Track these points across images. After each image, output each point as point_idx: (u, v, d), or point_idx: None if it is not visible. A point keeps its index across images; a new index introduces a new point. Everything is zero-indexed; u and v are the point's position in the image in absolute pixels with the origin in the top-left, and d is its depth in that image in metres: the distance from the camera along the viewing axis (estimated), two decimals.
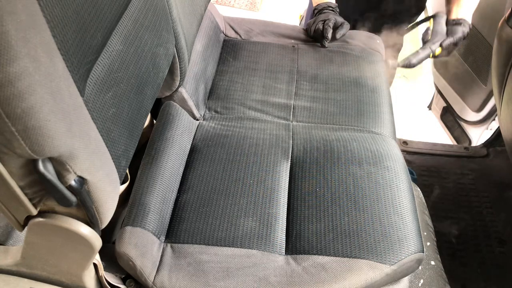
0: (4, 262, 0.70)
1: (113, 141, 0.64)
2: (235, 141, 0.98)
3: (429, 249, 1.09)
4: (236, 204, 0.86)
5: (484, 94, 1.52)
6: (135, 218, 0.81)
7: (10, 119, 0.41)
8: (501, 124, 1.11)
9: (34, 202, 0.55)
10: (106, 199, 0.61)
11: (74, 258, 0.66)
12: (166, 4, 0.86)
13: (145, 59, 0.76)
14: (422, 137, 1.62)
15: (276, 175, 0.92)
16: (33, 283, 0.71)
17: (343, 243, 0.80)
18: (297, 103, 1.12)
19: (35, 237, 0.63)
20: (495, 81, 1.07)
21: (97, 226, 0.62)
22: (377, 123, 1.07)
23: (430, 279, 1.03)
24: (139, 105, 0.75)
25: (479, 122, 1.59)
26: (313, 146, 0.99)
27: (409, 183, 0.92)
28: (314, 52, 1.27)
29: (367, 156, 0.95)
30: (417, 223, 0.85)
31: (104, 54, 0.63)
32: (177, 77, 0.97)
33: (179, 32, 0.92)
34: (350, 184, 0.89)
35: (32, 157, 0.47)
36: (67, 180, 0.52)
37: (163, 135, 0.95)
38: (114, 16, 0.64)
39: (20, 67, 0.40)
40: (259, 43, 1.29)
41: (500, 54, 1.01)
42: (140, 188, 0.85)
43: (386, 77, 1.23)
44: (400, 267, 0.78)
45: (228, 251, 0.80)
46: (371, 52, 1.27)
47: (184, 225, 0.83)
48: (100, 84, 0.61)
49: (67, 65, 0.51)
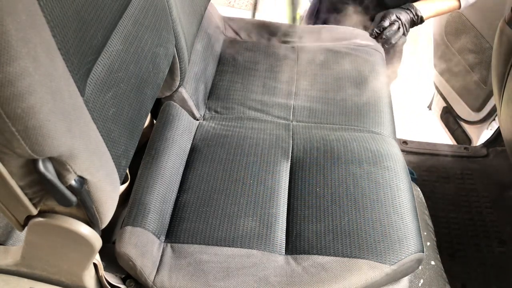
0: (4, 262, 0.70)
1: (113, 141, 0.64)
2: (235, 141, 0.98)
3: (429, 249, 1.09)
4: (236, 204, 0.86)
5: (484, 94, 1.52)
6: (135, 218, 0.81)
7: (10, 119, 0.41)
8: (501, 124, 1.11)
9: (34, 202, 0.55)
10: (106, 199, 0.61)
11: (74, 258, 0.66)
12: (166, 4, 0.86)
13: (145, 59, 0.76)
14: (422, 137, 1.62)
15: (276, 175, 0.92)
16: (33, 283, 0.71)
17: (343, 243, 0.80)
18: (297, 103, 1.12)
19: (35, 237, 0.63)
20: (495, 81, 1.07)
21: (97, 226, 0.62)
22: (377, 123, 1.07)
23: (430, 279, 1.03)
24: (139, 105, 0.75)
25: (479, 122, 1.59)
26: (313, 146, 0.99)
27: (409, 183, 0.92)
28: (314, 52, 1.27)
29: (367, 156, 0.95)
30: (417, 223, 0.85)
31: (104, 54, 0.63)
32: (177, 77, 0.97)
33: (179, 32, 0.92)
34: (350, 184, 0.89)
35: (32, 157, 0.47)
36: (67, 180, 0.52)
37: (163, 135, 0.95)
38: (114, 16, 0.65)
39: (20, 67, 0.40)
40: (259, 43, 1.29)
41: (500, 54, 1.01)
42: (140, 188, 0.85)
43: (386, 77, 1.23)
44: (400, 267, 0.78)
45: (228, 251, 0.80)
46: (371, 52, 1.27)
47: (184, 225, 0.83)
48: (100, 84, 0.61)
49: (67, 65, 0.51)
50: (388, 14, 1.29)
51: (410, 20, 1.29)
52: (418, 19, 1.30)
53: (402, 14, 1.29)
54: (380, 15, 1.32)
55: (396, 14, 1.28)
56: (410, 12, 1.29)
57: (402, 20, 1.28)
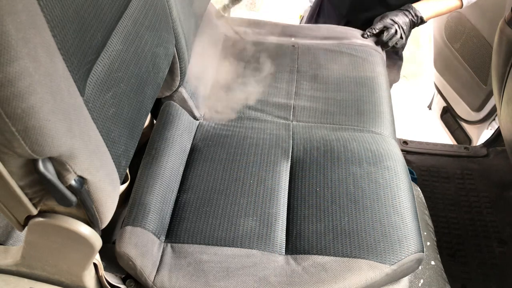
0: (4, 262, 0.70)
1: (113, 141, 0.64)
2: (235, 141, 0.98)
3: (429, 249, 1.09)
4: (236, 204, 0.86)
5: (484, 94, 1.52)
6: (135, 218, 0.81)
7: (10, 119, 0.41)
8: (501, 124, 1.11)
9: (34, 202, 0.55)
10: (106, 199, 0.61)
11: (74, 258, 0.66)
12: (166, 4, 0.86)
13: (145, 59, 0.76)
14: (422, 137, 1.62)
15: (276, 175, 0.92)
16: (33, 283, 0.71)
17: (343, 243, 0.80)
18: (297, 103, 1.12)
19: (35, 237, 0.63)
20: (495, 81, 1.07)
21: (97, 226, 0.62)
22: (377, 123, 1.07)
23: (430, 279, 1.03)
24: (139, 105, 0.75)
25: (479, 122, 1.59)
26: (313, 146, 0.99)
27: (409, 183, 0.92)
28: (314, 51, 1.27)
29: (367, 156, 0.95)
30: (417, 223, 0.85)
31: (104, 54, 0.63)
32: (177, 77, 0.97)
33: (179, 32, 0.92)
34: (350, 184, 0.89)
35: (32, 157, 0.47)
36: (67, 180, 0.52)
37: (163, 135, 0.95)
38: (114, 16, 0.64)
39: (20, 67, 0.40)
40: (259, 43, 1.29)
41: (500, 54, 1.02)
42: (140, 188, 0.85)
43: (386, 77, 1.23)
44: (400, 267, 0.78)
45: (228, 251, 0.80)
46: (371, 52, 1.27)
47: (184, 225, 0.83)
48: (100, 84, 0.61)
49: (67, 65, 0.51)
50: (384, 18, 1.29)
51: (408, 22, 1.29)
52: (418, 19, 1.29)
53: (399, 17, 1.28)
54: (377, 19, 1.32)
55: (392, 18, 1.28)
56: (409, 13, 1.29)
57: (399, 23, 1.27)
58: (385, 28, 1.28)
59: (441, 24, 1.69)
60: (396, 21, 1.27)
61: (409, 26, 1.29)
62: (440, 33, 1.71)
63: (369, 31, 1.30)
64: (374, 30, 1.29)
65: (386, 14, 1.30)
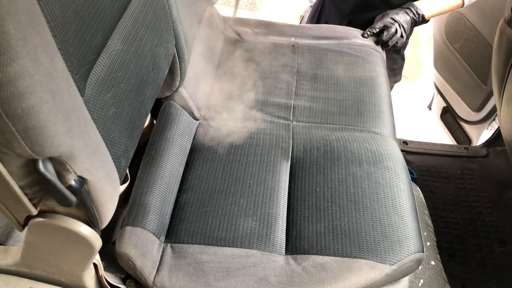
0: (4, 262, 0.70)
1: (113, 141, 0.64)
2: (235, 141, 0.98)
3: (429, 249, 1.09)
4: (236, 204, 0.86)
5: (484, 94, 1.52)
6: (135, 218, 0.81)
7: (10, 119, 0.41)
8: (501, 124, 1.11)
9: (34, 202, 0.55)
10: (106, 199, 0.61)
11: (74, 258, 0.66)
12: (166, 4, 0.86)
13: (145, 59, 0.76)
14: (422, 137, 1.62)
15: (276, 175, 0.92)
16: (33, 283, 0.71)
17: (343, 243, 0.80)
18: (297, 103, 1.12)
19: (35, 237, 0.63)
20: (495, 81, 1.07)
21: (97, 226, 0.62)
22: (377, 123, 1.07)
23: (430, 279, 1.03)
24: (139, 105, 0.75)
25: (479, 122, 1.59)
26: (313, 146, 0.99)
27: (409, 183, 0.92)
28: (314, 52, 1.27)
29: (367, 156, 0.95)
30: (417, 223, 0.85)
31: (104, 54, 0.63)
32: (177, 77, 0.97)
33: (179, 32, 0.92)
34: (350, 184, 0.89)
35: (32, 157, 0.47)
36: (67, 180, 0.52)
37: (163, 135, 0.95)
38: (114, 16, 0.64)
39: (20, 67, 0.40)
40: (259, 43, 1.29)
41: (500, 54, 1.01)
42: (140, 188, 0.85)
43: (386, 76, 1.23)
44: (400, 267, 0.78)
45: (228, 251, 0.80)
46: (371, 52, 1.27)
47: (184, 225, 0.83)
48: (100, 84, 0.61)
49: (67, 65, 0.51)
50: (384, 17, 1.29)
51: (410, 21, 1.28)
52: (419, 17, 1.29)
53: (400, 15, 1.27)
54: (378, 18, 1.31)
55: (393, 17, 1.27)
56: (410, 11, 1.28)
57: (400, 21, 1.27)
58: (385, 27, 1.28)
59: (441, 24, 1.69)
60: (397, 20, 1.27)
61: (410, 25, 1.29)
62: (440, 33, 1.71)
63: (369, 30, 1.30)
64: (374, 30, 1.29)
65: (386, 12, 1.30)
